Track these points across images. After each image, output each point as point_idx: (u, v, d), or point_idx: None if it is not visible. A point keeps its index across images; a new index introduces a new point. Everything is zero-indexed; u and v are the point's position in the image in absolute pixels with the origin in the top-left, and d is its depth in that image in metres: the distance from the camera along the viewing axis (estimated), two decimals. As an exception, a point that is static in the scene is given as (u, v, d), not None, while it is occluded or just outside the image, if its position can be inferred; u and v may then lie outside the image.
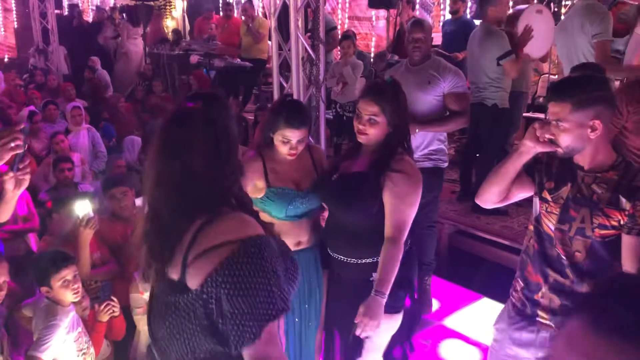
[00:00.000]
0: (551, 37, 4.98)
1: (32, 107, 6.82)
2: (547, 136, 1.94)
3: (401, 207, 2.34)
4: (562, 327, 0.84)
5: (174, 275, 1.40)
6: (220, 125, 1.47)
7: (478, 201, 2.27)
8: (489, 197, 2.21)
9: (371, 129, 2.43)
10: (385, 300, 2.30)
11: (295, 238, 2.57)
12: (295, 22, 4.40)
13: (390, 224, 2.34)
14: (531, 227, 2.17)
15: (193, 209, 1.41)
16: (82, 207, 3.31)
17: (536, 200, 2.13)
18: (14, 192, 2.15)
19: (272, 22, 4.52)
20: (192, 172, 1.42)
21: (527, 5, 5.40)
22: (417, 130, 3.55)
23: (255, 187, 2.55)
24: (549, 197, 2.07)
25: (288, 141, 2.52)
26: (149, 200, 1.48)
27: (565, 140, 1.93)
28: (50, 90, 8.33)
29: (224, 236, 1.35)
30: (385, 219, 2.36)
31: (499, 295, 3.69)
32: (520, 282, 2.22)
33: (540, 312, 2.13)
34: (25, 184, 2.16)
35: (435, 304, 4.17)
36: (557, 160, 2.08)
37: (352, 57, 6.40)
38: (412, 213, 2.37)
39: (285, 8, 4.49)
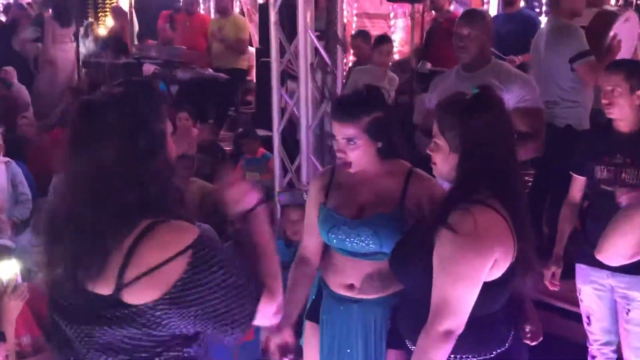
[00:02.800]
0: (632, 48, 5.14)
1: None
2: None
3: (441, 277, 2.20)
4: None
5: (102, 290, 1.67)
6: (139, 117, 1.71)
7: (601, 257, 2.25)
8: (618, 252, 2.19)
9: (436, 156, 2.38)
10: None
11: (343, 278, 2.70)
12: (304, 15, 4.41)
13: (432, 301, 2.22)
14: None
15: (116, 216, 1.66)
16: (6, 270, 3.29)
17: None
18: None
19: (272, 16, 4.54)
20: (104, 169, 1.67)
21: (616, 8, 5.52)
22: None
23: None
24: None
25: (335, 140, 2.62)
26: (67, 208, 1.73)
27: None
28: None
29: (169, 248, 1.65)
30: None
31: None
32: None
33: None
34: None
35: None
36: None
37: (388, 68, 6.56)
38: (457, 289, 2.17)
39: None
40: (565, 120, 4.80)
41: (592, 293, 3.52)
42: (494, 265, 2.17)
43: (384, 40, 6.98)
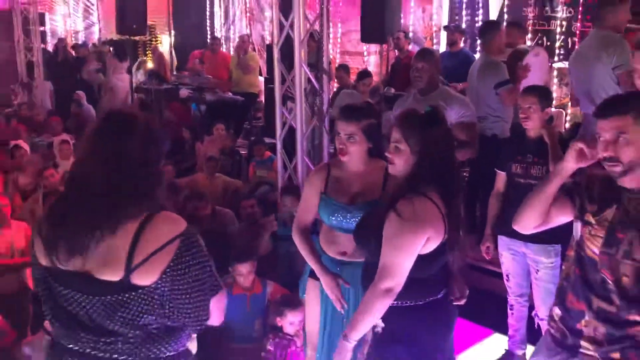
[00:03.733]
0: (543, 78, 5.17)
1: (20, 141, 6.71)
2: (607, 154, 1.93)
3: (386, 248, 2.19)
4: None
5: (111, 277, 1.58)
6: (154, 134, 1.70)
7: (516, 227, 2.24)
8: (528, 222, 2.18)
9: (395, 158, 2.32)
10: (351, 346, 2.22)
11: (338, 247, 2.73)
12: (299, 53, 4.41)
13: (378, 266, 2.22)
14: (571, 253, 2.14)
15: (131, 201, 1.60)
16: None
17: (577, 225, 2.11)
18: None
19: (276, 53, 4.53)
20: (126, 162, 1.63)
21: (528, 45, 5.52)
22: None
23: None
24: (592, 220, 2.05)
25: (339, 135, 2.62)
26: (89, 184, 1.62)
27: (629, 155, 1.91)
28: (36, 125, 8.22)
29: (166, 234, 1.59)
30: None
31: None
32: (559, 311, 2.17)
33: (583, 343, 2.08)
34: None
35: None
36: (598, 183, 2.07)
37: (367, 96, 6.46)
38: (397, 258, 2.17)
39: (287, 40, 4.52)
40: (492, 130, 4.80)
41: (510, 257, 3.54)
42: (427, 241, 2.16)
43: (367, 74, 6.94)
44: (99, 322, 1.61)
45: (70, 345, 1.66)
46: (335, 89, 7.81)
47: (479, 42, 6.92)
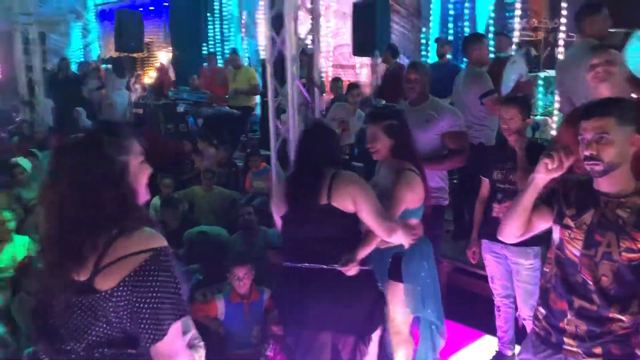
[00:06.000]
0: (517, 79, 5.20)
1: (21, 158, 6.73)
2: (588, 153, 1.97)
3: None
4: None
5: (80, 277, 1.55)
6: (102, 154, 1.59)
7: (501, 237, 2.27)
8: (511, 232, 2.21)
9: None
10: None
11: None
12: (291, 68, 4.47)
13: None
14: (551, 255, 2.18)
15: (90, 230, 1.55)
16: None
17: (556, 228, 2.15)
18: None
19: (269, 68, 4.59)
20: (75, 195, 1.56)
21: (510, 54, 5.57)
22: None
23: None
24: (571, 224, 2.09)
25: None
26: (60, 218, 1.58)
27: (609, 155, 1.96)
28: (38, 142, 8.24)
29: (137, 246, 1.54)
30: None
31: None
32: (543, 311, 2.21)
33: (566, 340, 2.12)
34: None
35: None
36: (574, 189, 2.12)
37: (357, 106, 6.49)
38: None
39: (280, 55, 4.58)
40: (478, 139, 4.80)
41: (492, 260, 3.55)
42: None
43: (355, 86, 6.96)
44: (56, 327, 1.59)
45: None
46: (330, 101, 7.87)
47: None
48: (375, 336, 2.89)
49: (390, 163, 3.00)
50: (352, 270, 2.61)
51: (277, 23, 4.48)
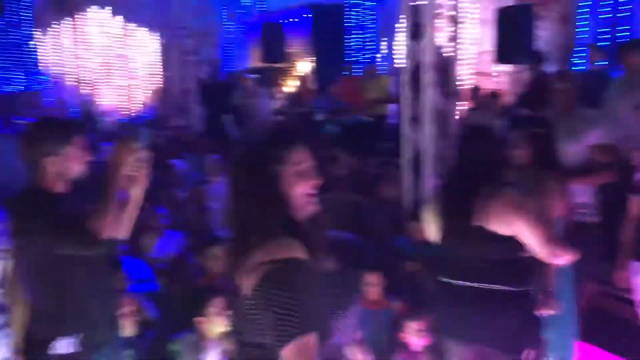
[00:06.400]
0: None
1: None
2: None
3: None
4: None
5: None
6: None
7: None
8: None
9: None
10: None
11: None
12: (429, 76, 4.42)
13: None
14: None
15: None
16: None
17: None
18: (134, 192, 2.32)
19: (406, 77, 4.58)
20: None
21: None
22: None
23: None
24: None
25: None
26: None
27: None
28: (189, 146, 8.91)
29: (268, 255, 1.58)
30: None
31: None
32: None
33: None
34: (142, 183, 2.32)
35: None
36: None
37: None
38: None
39: (417, 64, 4.56)
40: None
41: None
42: None
43: (494, 95, 6.82)
44: None
45: None
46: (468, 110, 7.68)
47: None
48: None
49: (530, 173, 2.85)
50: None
51: (415, 31, 4.47)
